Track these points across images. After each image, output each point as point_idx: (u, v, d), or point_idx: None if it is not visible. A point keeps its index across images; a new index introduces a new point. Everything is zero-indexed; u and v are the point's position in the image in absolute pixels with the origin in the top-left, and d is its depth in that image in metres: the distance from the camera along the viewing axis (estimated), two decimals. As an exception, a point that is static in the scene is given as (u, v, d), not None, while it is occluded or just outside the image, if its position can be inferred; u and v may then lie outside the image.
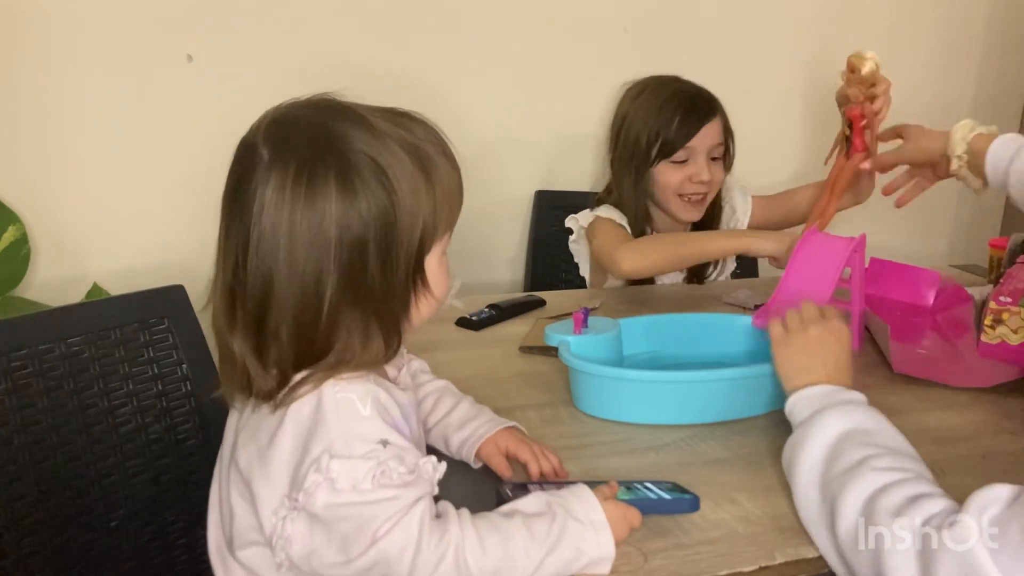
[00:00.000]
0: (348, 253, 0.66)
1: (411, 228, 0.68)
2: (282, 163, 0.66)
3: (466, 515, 0.67)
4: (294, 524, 0.66)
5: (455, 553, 0.64)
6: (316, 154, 0.66)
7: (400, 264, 0.69)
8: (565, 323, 1.04)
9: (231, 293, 0.68)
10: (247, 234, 0.66)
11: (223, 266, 0.69)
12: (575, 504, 0.70)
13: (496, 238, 1.90)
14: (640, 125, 1.45)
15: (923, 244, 2.24)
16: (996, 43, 2.14)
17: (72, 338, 1.01)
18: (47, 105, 1.54)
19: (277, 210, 0.65)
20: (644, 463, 0.87)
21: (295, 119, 0.69)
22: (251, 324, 0.68)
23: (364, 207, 0.66)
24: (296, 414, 0.67)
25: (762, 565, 0.70)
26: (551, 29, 1.80)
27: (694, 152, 1.44)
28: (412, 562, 0.63)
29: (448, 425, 0.88)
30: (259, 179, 0.66)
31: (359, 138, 0.67)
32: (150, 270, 1.59)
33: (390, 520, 0.64)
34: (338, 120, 0.68)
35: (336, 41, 1.66)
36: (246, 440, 0.72)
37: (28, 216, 1.55)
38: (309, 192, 0.65)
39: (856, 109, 1.33)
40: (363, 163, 0.66)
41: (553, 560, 0.66)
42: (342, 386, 0.68)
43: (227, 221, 0.69)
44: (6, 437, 0.93)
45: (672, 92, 1.45)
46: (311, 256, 0.66)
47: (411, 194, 0.68)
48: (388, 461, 0.65)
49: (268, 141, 0.67)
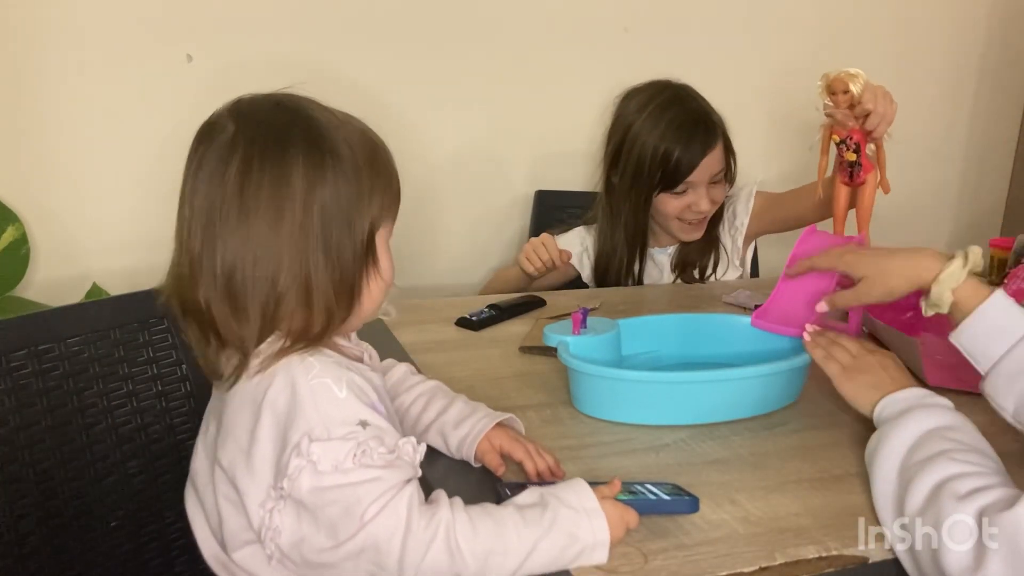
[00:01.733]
0: (313, 218, 0.69)
1: (367, 205, 0.72)
2: (250, 132, 0.70)
3: (458, 501, 0.68)
4: (281, 515, 0.67)
5: (446, 534, 0.64)
6: (283, 124, 0.70)
7: (357, 236, 0.72)
8: (564, 323, 1.03)
9: (199, 259, 0.70)
10: (215, 200, 0.69)
11: (188, 237, 0.71)
12: (567, 493, 0.70)
13: (496, 238, 1.90)
14: (640, 153, 1.43)
15: (923, 244, 2.23)
16: (997, 43, 2.14)
17: (72, 338, 1.00)
18: (47, 105, 1.54)
19: (244, 178, 0.68)
20: (644, 463, 0.87)
21: (259, 99, 0.74)
22: (220, 284, 0.70)
23: (329, 175, 0.70)
24: (272, 406, 0.68)
25: (762, 566, 0.70)
26: (551, 29, 1.80)
27: (694, 184, 1.45)
28: (402, 544, 0.63)
29: (445, 423, 0.87)
30: (225, 150, 0.69)
31: (323, 116, 0.72)
32: (150, 270, 1.58)
33: (377, 502, 0.64)
34: (302, 103, 0.73)
35: (335, 41, 1.66)
36: (224, 439, 0.72)
37: (28, 216, 1.55)
38: (277, 158, 0.69)
39: (857, 132, 1.19)
40: (328, 135, 0.71)
41: (547, 545, 0.66)
42: (315, 372, 0.69)
43: (192, 194, 0.71)
44: (6, 437, 0.93)
45: (674, 118, 1.43)
46: (277, 220, 0.68)
47: (369, 173, 0.72)
48: (368, 441, 0.66)
49: (233, 116, 0.71)
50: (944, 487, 0.69)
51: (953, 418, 0.80)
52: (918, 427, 0.78)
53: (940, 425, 0.78)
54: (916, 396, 0.84)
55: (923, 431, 0.78)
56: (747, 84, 1.97)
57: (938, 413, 0.80)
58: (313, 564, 0.67)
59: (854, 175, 1.22)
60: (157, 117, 1.59)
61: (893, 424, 0.81)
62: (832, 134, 1.22)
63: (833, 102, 1.19)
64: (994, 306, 0.84)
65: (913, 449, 0.76)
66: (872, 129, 1.17)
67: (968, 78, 2.18)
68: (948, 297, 0.85)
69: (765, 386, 0.94)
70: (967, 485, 0.69)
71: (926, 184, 2.21)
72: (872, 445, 0.81)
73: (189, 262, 0.71)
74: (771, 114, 1.99)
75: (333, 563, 0.66)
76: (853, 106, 1.17)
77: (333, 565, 0.66)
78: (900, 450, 0.77)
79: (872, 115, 1.15)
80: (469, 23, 1.75)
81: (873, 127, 1.16)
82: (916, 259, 0.90)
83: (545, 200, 1.89)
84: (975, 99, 2.19)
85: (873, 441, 0.82)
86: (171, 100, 1.59)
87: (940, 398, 0.84)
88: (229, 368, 0.72)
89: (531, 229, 1.88)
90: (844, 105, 1.17)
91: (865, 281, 0.93)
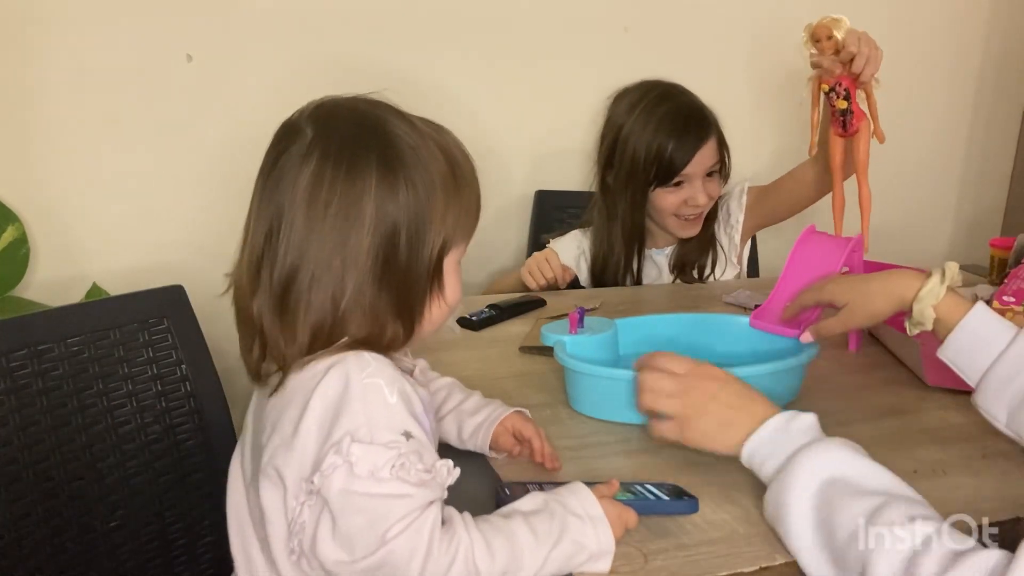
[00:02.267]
0: (380, 238, 0.68)
1: (439, 226, 0.70)
2: (325, 140, 0.68)
3: (470, 519, 0.67)
4: (310, 511, 0.65)
5: (464, 557, 0.63)
6: (360, 137, 0.69)
7: (424, 259, 0.70)
8: (561, 323, 1.03)
9: (259, 263, 0.69)
10: (283, 206, 0.68)
11: (253, 235, 0.70)
12: (571, 500, 0.70)
13: (496, 238, 1.90)
14: (634, 150, 1.44)
15: (923, 244, 2.24)
16: (997, 43, 2.14)
17: (72, 338, 1.00)
18: (47, 105, 1.54)
19: (316, 185, 0.67)
20: (643, 463, 0.87)
21: (341, 104, 0.72)
22: (275, 291, 0.68)
23: (401, 195, 0.68)
24: (322, 397, 0.66)
25: (762, 566, 0.70)
26: (551, 28, 1.80)
27: (689, 177, 1.45)
28: (422, 567, 0.62)
29: (463, 412, 0.90)
30: (301, 154, 0.68)
31: (402, 130, 0.70)
32: (150, 270, 1.59)
33: (403, 520, 0.62)
34: (382, 112, 0.71)
35: (335, 41, 1.66)
36: (271, 435, 0.70)
37: (28, 216, 1.55)
38: (350, 171, 0.67)
39: (845, 78, 1.18)
40: (405, 153, 0.69)
41: (556, 556, 0.66)
42: (370, 371, 0.67)
43: (263, 192, 0.70)
44: (6, 437, 0.93)
45: (666, 113, 1.44)
46: (344, 233, 0.67)
47: (443, 193, 0.70)
48: (409, 455, 0.64)
49: (313, 121, 0.70)
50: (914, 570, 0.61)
51: (837, 452, 0.72)
52: (813, 483, 0.70)
53: (832, 476, 0.70)
54: (776, 432, 0.76)
55: (819, 485, 0.69)
56: (747, 84, 1.97)
57: (816, 454, 0.72)
58: (331, 573, 0.65)
59: (847, 124, 1.21)
60: (157, 117, 1.59)
61: (781, 487, 0.71)
62: (821, 84, 1.22)
63: (818, 50, 1.19)
64: (976, 318, 0.84)
65: (828, 524, 0.67)
66: (859, 72, 1.16)
67: (968, 78, 2.18)
68: (930, 313, 0.85)
69: (764, 386, 0.94)
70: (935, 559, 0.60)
71: (926, 184, 2.21)
72: (770, 513, 0.73)
73: (247, 267, 0.70)
74: (771, 114, 1.99)
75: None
76: (838, 52, 1.17)
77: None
78: (812, 527, 0.68)
79: (857, 57, 1.15)
80: (469, 23, 1.75)
81: (860, 69, 1.16)
82: (895, 280, 0.90)
83: (545, 200, 1.89)
84: (975, 99, 2.19)
85: (770, 508, 0.73)
86: (171, 100, 1.59)
87: (799, 419, 0.76)
88: (270, 370, 0.71)
89: (531, 229, 1.88)
90: (830, 52, 1.17)
91: (848, 308, 0.93)
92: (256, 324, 0.70)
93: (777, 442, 0.75)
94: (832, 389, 1.04)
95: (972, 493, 0.80)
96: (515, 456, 0.87)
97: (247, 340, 0.72)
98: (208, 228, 1.67)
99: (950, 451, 0.89)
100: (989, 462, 0.87)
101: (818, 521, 0.68)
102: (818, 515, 0.68)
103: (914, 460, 0.87)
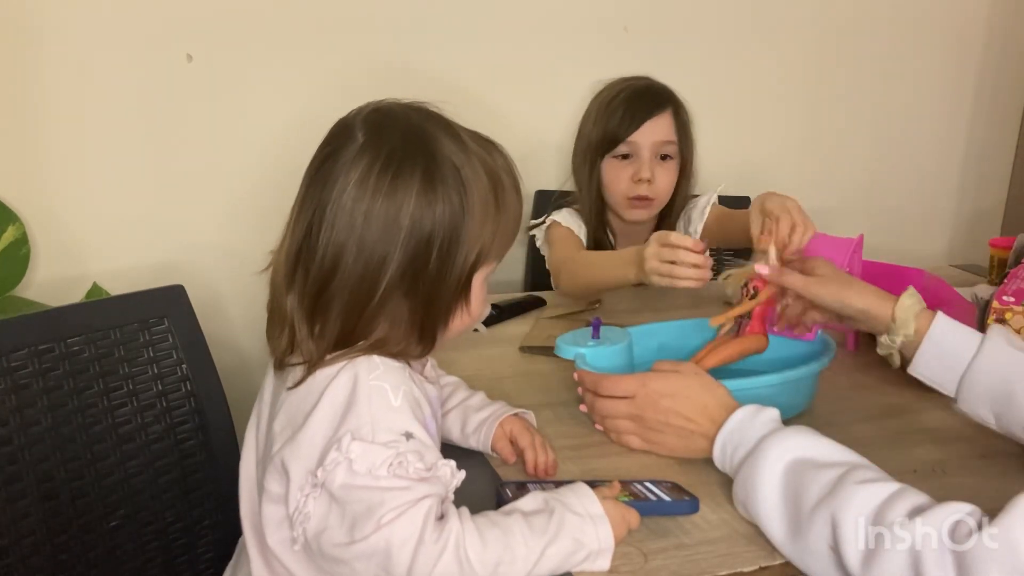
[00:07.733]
0: (414, 248, 0.70)
1: (472, 242, 0.72)
2: (374, 148, 0.70)
3: (465, 512, 0.68)
4: (316, 502, 0.68)
5: (455, 545, 0.64)
6: (407, 148, 0.71)
7: (454, 272, 0.73)
8: (575, 334, 1.04)
9: (296, 256, 0.73)
10: (326, 205, 0.70)
11: (294, 228, 0.73)
12: (572, 499, 0.71)
13: (496, 238, 1.90)
14: (591, 120, 1.47)
15: (923, 244, 2.24)
16: (997, 43, 2.14)
17: (72, 338, 1.00)
18: (47, 105, 1.53)
19: (360, 190, 0.69)
20: (644, 463, 0.87)
21: (395, 113, 0.74)
22: (308, 290, 0.72)
23: (439, 209, 0.70)
24: (332, 397, 0.70)
25: (762, 565, 0.70)
26: (551, 28, 1.80)
27: (637, 147, 1.43)
28: (413, 554, 0.64)
29: (468, 407, 0.92)
30: (349, 158, 0.70)
31: (448, 146, 0.72)
32: (150, 270, 1.59)
33: (397, 509, 0.64)
34: (432, 125, 0.74)
35: (334, 41, 1.66)
36: (283, 426, 0.73)
37: (28, 216, 1.55)
38: (393, 181, 0.69)
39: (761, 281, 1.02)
40: (447, 169, 0.71)
41: (553, 552, 0.67)
42: (377, 374, 0.71)
43: (308, 189, 0.73)
44: (6, 437, 0.93)
45: (624, 87, 1.46)
46: (380, 241, 0.70)
47: (481, 212, 0.72)
48: (407, 454, 0.67)
49: (365, 125, 0.72)
50: (882, 516, 0.64)
51: (797, 438, 0.75)
52: (778, 465, 0.72)
53: (796, 457, 0.73)
54: (747, 423, 0.79)
55: (783, 468, 0.72)
56: (747, 84, 1.97)
57: (778, 441, 0.74)
58: (328, 557, 0.68)
59: (740, 327, 1.04)
60: (157, 117, 1.59)
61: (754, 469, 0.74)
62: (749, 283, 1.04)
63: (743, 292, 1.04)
64: (940, 330, 0.86)
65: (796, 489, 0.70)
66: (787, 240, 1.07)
67: (968, 78, 2.18)
68: (912, 324, 0.88)
69: (767, 394, 0.92)
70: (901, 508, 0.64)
71: (926, 184, 2.21)
72: (741, 495, 0.75)
73: (285, 257, 0.73)
74: (771, 114, 1.99)
75: (345, 560, 0.66)
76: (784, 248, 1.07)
77: (345, 562, 0.66)
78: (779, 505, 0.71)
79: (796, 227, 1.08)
80: (468, 22, 1.74)
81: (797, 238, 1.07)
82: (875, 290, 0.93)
83: (546, 200, 1.88)
84: (975, 99, 2.19)
85: (740, 490, 0.75)
86: (171, 100, 1.59)
87: (762, 413, 0.79)
88: (294, 361, 0.74)
89: (531, 229, 1.88)
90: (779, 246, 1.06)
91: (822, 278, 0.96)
92: (287, 319, 0.73)
93: (745, 431, 0.79)
94: (832, 389, 1.04)
95: (971, 493, 0.80)
96: (510, 464, 0.87)
97: (276, 328, 0.75)
98: (208, 228, 1.67)
99: (949, 451, 0.90)
100: (988, 462, 0.87)
101: (786, 494, 0.71)
102: (786, 489, 0.71)
103: (913, 460, 0.87)
